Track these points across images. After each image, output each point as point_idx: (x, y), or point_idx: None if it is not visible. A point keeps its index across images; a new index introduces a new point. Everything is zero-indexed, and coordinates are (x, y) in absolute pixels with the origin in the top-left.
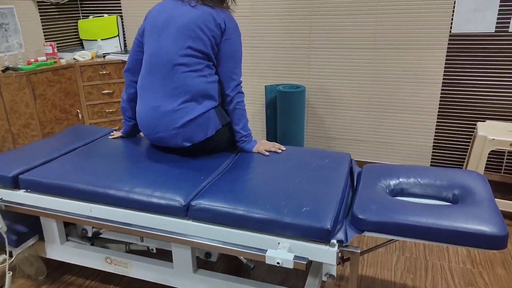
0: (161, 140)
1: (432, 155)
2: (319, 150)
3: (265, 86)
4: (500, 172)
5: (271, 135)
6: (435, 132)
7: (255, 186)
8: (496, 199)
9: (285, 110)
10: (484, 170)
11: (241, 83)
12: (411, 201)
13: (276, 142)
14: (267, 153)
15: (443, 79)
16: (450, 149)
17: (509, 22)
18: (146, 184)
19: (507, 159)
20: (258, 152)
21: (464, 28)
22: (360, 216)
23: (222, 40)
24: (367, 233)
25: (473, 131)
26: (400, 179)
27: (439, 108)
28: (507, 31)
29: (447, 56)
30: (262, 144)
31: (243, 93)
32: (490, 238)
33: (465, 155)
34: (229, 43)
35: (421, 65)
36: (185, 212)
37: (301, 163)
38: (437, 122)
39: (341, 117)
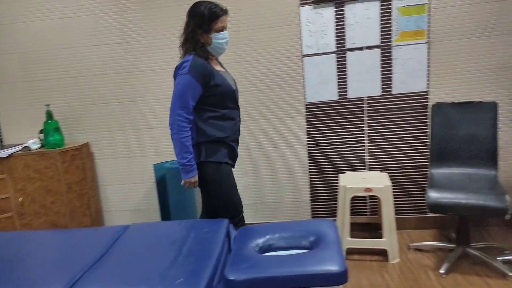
0: None
1: (311, 208)
2: (199, 221)
3: (154, 165)
4: (366, 214)
5: (165, 212)
6: (310, 187)
7: (132, 267)
8: (364, 238)
9: (176, 186)
10: (351, 214)
11: (176, 117)
12: (276, 255)
13: (170, 217)
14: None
15: (307, 140)
16: (325, 200)
17: (346, 91)
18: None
19: (370, 202)
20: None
21: (315, 97)
22: (230, 278)
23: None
24: None
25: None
26: (268, 236)
27: (309, 165)
28: (346, 98)
29: (307, 121)
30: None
31: (179, 126)
32: (332, 275)
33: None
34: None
35: (288, 130)
36: None
37: (179, 237)
38: (310, 178)
39: None
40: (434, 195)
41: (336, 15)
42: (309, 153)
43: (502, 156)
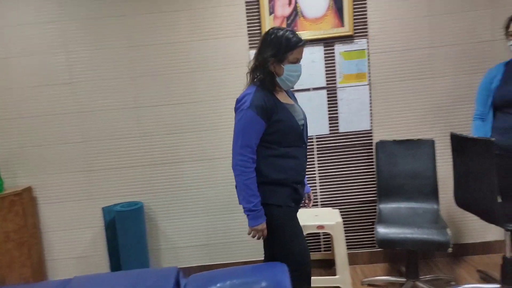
0: None
1: None
2: (146, 271)
3: (102, 208)
4: (320, 251)
5: (114, 258)
6: None
7: None
8: (319, 276)
9: (125, 229)
10: None
11: (238, 157)
12: None
13: (120, 264)
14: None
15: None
16: None
17: None
18: None
19: (323, 238)
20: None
21: None
22: None
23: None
24: None
25: None
26: (218, 284)
27: None
28: None
29: None
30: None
31: (242, 166)
32: None
33: None
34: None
35: None
36: None
37: None
38: None
39: (181, 225)
40: (382, 230)
41: None
42: None
43: (441, 190)
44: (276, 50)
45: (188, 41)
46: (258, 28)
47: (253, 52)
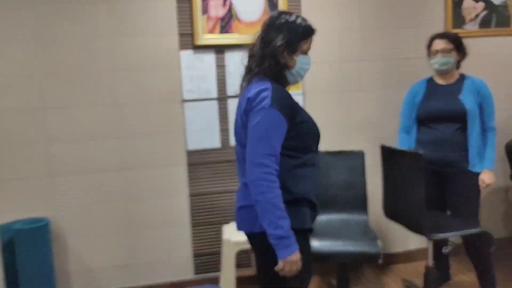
0: None
1: (195, 265)
2: None
3: None
4: (251, 266)
5: (12, 284)
6: (193, 242)
7: None
8: None
9: (27, 250)
10: (238, 267)
11: (262, 169)
12: None
13: None
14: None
15: (189, 190)
16: (210, 254)
17: (228, 138)
18: None
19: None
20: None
21: (197, 145)
22: None
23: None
24: None
25: None
26: None
27: (192, 218)
28: (229, 145)
29: (188, 170)
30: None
31: (267, 180)
32: None
33: None
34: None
35: (167, 180)
36: None
37: None
38: (192, 231)
39: (97, 244)
40: (316, 244)
41: (217, 61)
42: (191, 204)
43: (371, 201)
44: (289, 37)
45: (109, 37)
46: (189, 28)
47: (184, 53)
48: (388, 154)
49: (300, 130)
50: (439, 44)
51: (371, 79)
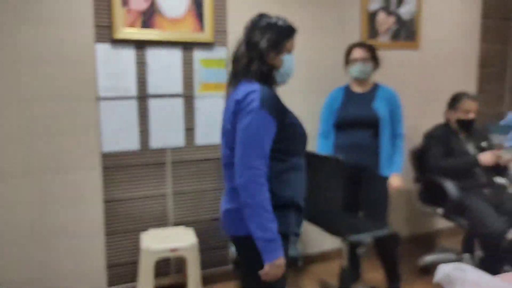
0: None
1: (108, 276)
2: None
3: None
4: (170, 274)
5: None
6: (107, 252)
7: None
8: None
9: None
10: (156, 276)
11: (253, 171)
12: None
13: None
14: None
15: (104, 196)
16: (126, 264)
17: (148, 141)
18: None
19: (174, 260)
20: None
21: (114, 147)
22: None
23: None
24: None
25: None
26: None
27: (106, 226)
28: (148, 148)
29: (103, 174)
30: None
31: (257, 183)
32: None
33: None
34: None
35: (79, 185)
36: None
37: None
38: (107, 240)
39: (3, 257)
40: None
41: (137, 58)
42: (106, 211)
43: None
44: (274, 38)
45: (11, 23)
46: (107, 19)
47: (101, 47)
48: (310, 159)
49: (289, 133)
50: (358, 53)
51: (294, 84)
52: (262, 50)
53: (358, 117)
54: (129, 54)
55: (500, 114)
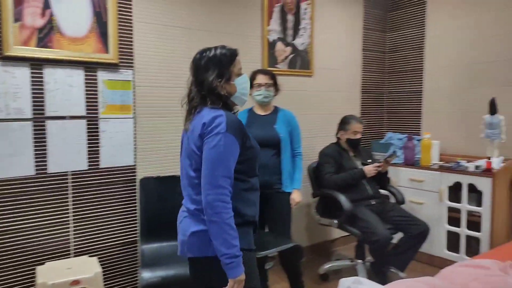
0: None
1: None
2: None
3: None
4: None
5: None
6: None
7: None
8: None
9: None
10: None
11: (219, 190)
12: None
13: None
14: None
15: None
16: None
17: (46, 164)
18: None
19: None
20: None
21: (5, 173)
22: None
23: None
24: None
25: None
26: None
27: None
28: (46, 172)
29: None
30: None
31: (223, 202)
32: None
33: None
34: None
35: None
36: None
37: None
38: None
39: None
40: (147, 275)
41: (33, 77)
42: None
43: None
44: (218, 70)
45: None
46: None
47: None
48: None
49: (249, 155)
50: (263, 79)
51: None
52: (211, 85)
53: (262, 138)
54: (23, 73)
55: (381, 134)
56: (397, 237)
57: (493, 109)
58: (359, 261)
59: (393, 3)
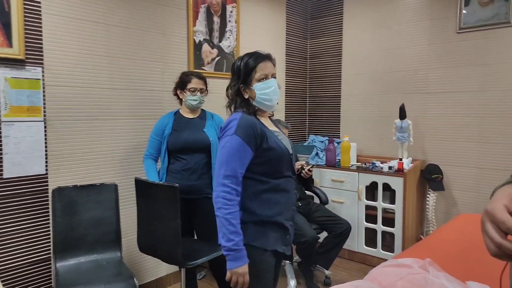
0: None
1: None
2: None
3: None
4: None
5: None
6: None
7: None
8: None
9: None
10: None
11: (221, 188)
12: None
13: None
14: None
15: None
16: None
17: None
18: None
19: None
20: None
21: None
22: None
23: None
24: None
25: None
26: None
27: None
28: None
29: None
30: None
31: (224, 198)
32: None
33: None
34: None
35: None
36: None
37: None
38: None
39: None
40: None
41: None
42: None
43: (124, 235)
44: (237, 76)
45: None
46: None
47: None
48: (143, 187)
49: (269, 156)
50: (198, 84)
51: (122, 108)
52: (235, 89)
53: (191, 142)
54: None
55: (304, 136)
56: (322, 236)
57: (402, 114)
58: (287, 261)
59: (313, 11)
